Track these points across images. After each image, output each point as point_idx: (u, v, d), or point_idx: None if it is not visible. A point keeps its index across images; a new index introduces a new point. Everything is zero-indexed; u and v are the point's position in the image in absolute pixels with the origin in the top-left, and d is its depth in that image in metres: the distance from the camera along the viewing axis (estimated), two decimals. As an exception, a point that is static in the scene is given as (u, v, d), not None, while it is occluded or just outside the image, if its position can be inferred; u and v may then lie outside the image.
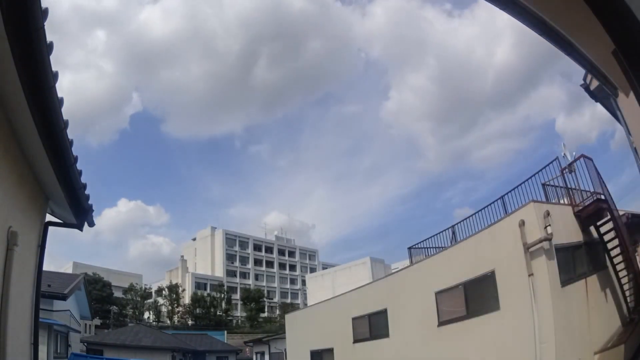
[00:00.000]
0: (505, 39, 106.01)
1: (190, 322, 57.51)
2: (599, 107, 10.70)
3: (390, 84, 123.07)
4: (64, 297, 19.71)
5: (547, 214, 10.13)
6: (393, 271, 24.34)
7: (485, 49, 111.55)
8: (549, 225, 9.94)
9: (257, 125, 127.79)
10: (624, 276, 11.74)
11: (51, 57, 3.47)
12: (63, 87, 3.93)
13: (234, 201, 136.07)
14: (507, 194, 12.81)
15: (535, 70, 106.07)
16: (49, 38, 3.31)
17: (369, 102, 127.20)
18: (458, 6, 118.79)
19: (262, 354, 33.43)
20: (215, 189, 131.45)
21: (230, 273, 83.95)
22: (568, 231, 11.02)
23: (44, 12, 3.12)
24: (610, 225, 11.45)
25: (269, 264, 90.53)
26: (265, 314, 69.61)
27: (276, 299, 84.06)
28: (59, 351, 20.01)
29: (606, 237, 11.69)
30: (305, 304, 52.17)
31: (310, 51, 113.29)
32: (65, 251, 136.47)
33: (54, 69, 3.61)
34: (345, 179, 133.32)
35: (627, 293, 11.85)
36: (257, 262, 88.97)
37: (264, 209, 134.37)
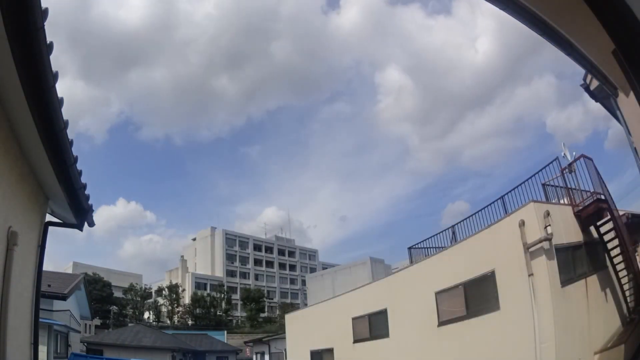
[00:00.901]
0: (501, 37, 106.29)
1: (190, 322, 57.50)
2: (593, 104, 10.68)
3: (384, 86, 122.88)
4: (64, 297, 19.71)
5: (547, 214, 10.13)
6: (393, 271, 24.33)
7: (482, 50, 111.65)
8: (549, 225, 9.94)
9: (254, 124, 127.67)
10: (624, 276, 11.75)
11: (51, 57, 3.48)
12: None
13: (234, 201, 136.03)
14: (507, 194, 12.83)
15: (529, 68, 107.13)
16: (48, 38, 3.32)
17: (371, 104, 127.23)
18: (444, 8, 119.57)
19: (262, 354, 33.42)
20: (216, 189, 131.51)
21: (230, 273, 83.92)
22: (568, 231, 11.01)
23: (44, 12, 3.12)
24: (610, 225, 11.45)
25: (269, 264, 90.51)
26: (265, 314, 69.56)
27: (276, 299, 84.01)
28: (59, 351, 20.01)
29: (606, 237, 11.69)
30: (305, 304, 52.18)
31: (294, 51, 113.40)
32: (65, 251, 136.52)
33: (53, 69, 3.62)
34: (346, 180, 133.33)
35: (627, 293, 11.85)
36: (257, 262, 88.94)
37: (264, 209, 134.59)
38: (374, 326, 16.19)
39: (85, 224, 6.48)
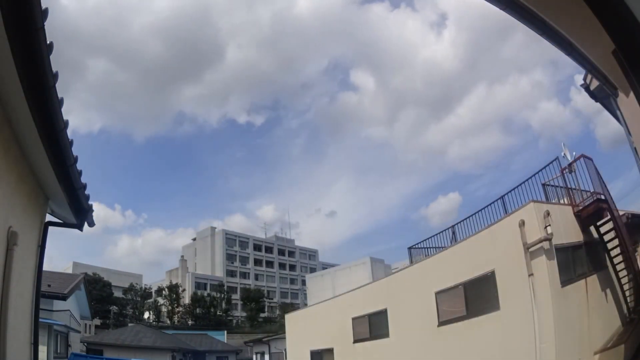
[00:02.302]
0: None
1: (190, 322, 57.49)
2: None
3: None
4: (64, 297, 19.71)
5: (547, 214, 10.13)
6: (393, 271, 24.34)
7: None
8: (549, 225, 9.94)
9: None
10: (624, 276, 11.75)
11: (51, 57, 3.48)
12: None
13: (230, 201, 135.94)
14: (507, 193, 12.85)
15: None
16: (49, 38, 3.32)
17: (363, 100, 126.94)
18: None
19: (262, 354, 33.42)
20: (213, 188, 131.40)
21: (230, 273, 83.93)
22: (568, 231, 11.01)
23: (44, 12, 3.12)
24: (610, 225, 11.45)
25: (269, 264, 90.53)
26: (265, 314, 69.58)
27: (276, 299, 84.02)
28: (59, 351, 19.99)
29: (606, 237, 11.69)
30: (305, 304, 52.17)
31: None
32: (65, 251, 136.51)
33: (53, 69, 3.62)
34: (347, 179, 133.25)
35: (627, 293, 11.85)
36: (257, 262, 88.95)
37: (262, 209, 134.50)
38: (374, 326, 16.19)
39: (85, 224, 6.48)
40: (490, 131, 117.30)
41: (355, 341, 17.06)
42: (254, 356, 35.60)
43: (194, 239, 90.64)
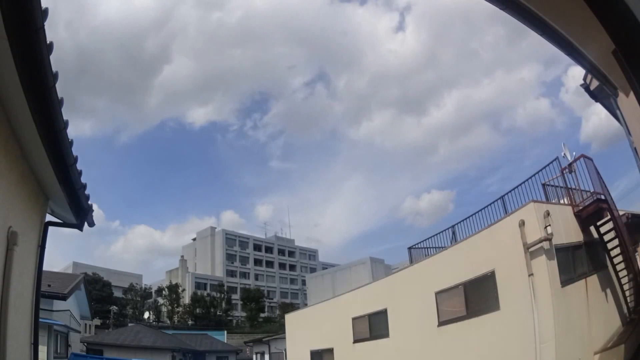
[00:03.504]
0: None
1: (190, 322, 57.52)
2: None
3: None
4: (64, 297, 19.71)
5: (547, 214, 10.13)
6: (393, 271, 24.34)
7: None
8: (549, 225, 9.94)
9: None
10: (624, 276, 11.75)
11: (51, 57, 3.48)
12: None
13: (230, 200, 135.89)
14: (507, 194, 12.85)
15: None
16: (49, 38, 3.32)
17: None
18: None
19: (262, 354, 33.42)
20: (214, 187, 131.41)
21: (230, 273, 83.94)
22: (568, 231, 11.02)
23: (44, 12, 3.12)
24: (610, 225, 11.45)
25: (269, 264, 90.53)
26: (265, 314, 69.61)
27: (276, 299, 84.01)
28: (59, 351, 20.00)
29: (606, 237, 11.69)
30: (305, 304, 52.19)
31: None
32: (64, 251, 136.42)
33: (53, 69, 3.62)
34: (349, 180, 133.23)
35: (627, 293, 11.85)
36: (257, 262, 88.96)
37: (259, 209, 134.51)
38: (374, 326, 16.19)
39: (85, 223, 6.49)
40: (482, 129, 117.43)
41: (355, 341, 17.06)
42: (254, 356, 35.61)
43: (194, 239, 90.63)
